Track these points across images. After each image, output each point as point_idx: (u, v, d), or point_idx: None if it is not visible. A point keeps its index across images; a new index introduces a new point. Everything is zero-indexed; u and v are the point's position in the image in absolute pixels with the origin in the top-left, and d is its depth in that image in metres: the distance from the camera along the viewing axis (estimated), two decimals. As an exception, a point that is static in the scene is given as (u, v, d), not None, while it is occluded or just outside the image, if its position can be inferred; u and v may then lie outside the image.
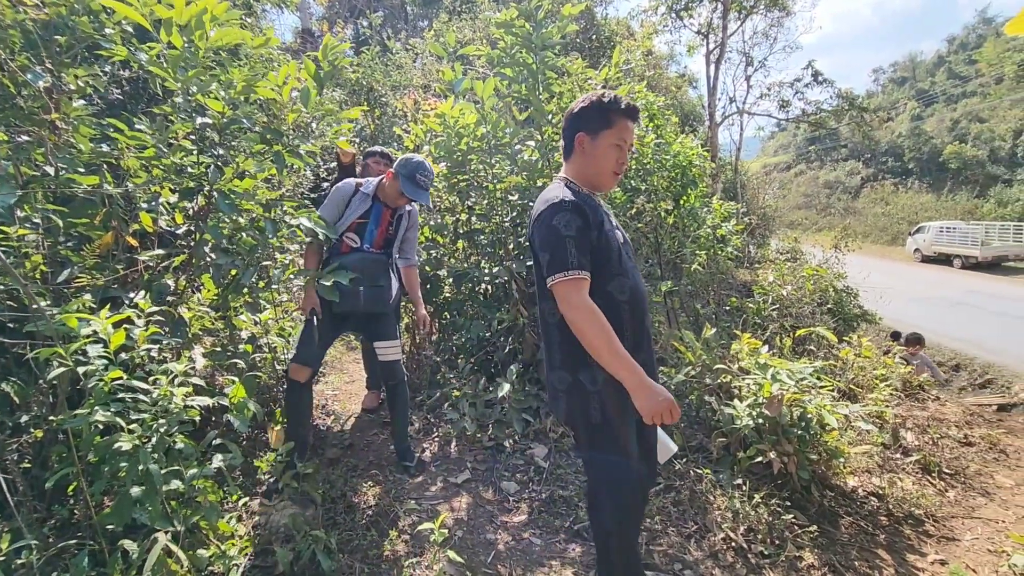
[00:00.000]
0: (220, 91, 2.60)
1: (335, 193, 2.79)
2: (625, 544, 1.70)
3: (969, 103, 38.41)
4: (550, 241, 1.50)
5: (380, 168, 3.49)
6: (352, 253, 2.74)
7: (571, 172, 1.68)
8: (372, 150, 3.60)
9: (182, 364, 1.73)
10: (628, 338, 1.55)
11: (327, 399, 3.75)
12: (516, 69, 3.64)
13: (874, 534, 2.34)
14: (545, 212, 1.53)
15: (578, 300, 1.45)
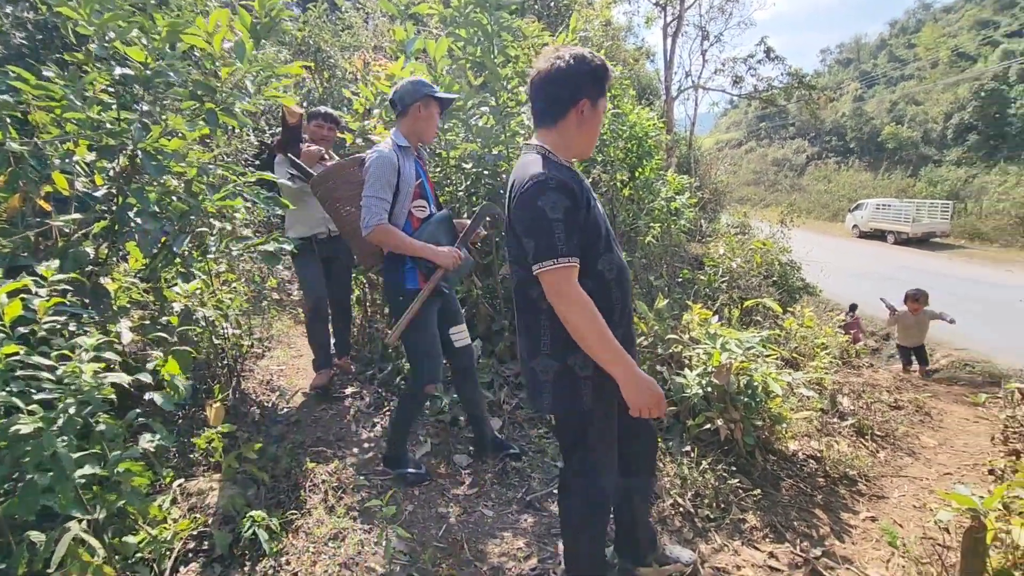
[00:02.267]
0: (143, 39, 2.36)
1: (380, 169, 2.19)
2: (596, 533, 1.68)
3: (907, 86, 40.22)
4: (536, 226, 1.36)
5: (324, 132, 3.26)
6: (428, 223, 2.32)
7: (552, 140, 1.48)
8: (316, 111, 3.34)
9: (93, 338, 1.57)
10: (617, 313, 1.51)
11: (272, 374, 3.59)
12: (470, 30, 3.48)
13: (812, 495, 2.45)
14: (529, 191, 1.37)
15: (569, 290, 1.35)
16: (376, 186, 2.18)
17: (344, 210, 2.59)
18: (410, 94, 2.28)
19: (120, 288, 2.58)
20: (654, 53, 20.29)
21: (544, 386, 1.52)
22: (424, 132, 2.35)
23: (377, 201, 2.17)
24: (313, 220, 3.18)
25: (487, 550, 2.06)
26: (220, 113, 2.50)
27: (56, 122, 2.27)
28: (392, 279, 2.33)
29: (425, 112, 2.30)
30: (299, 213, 3.14)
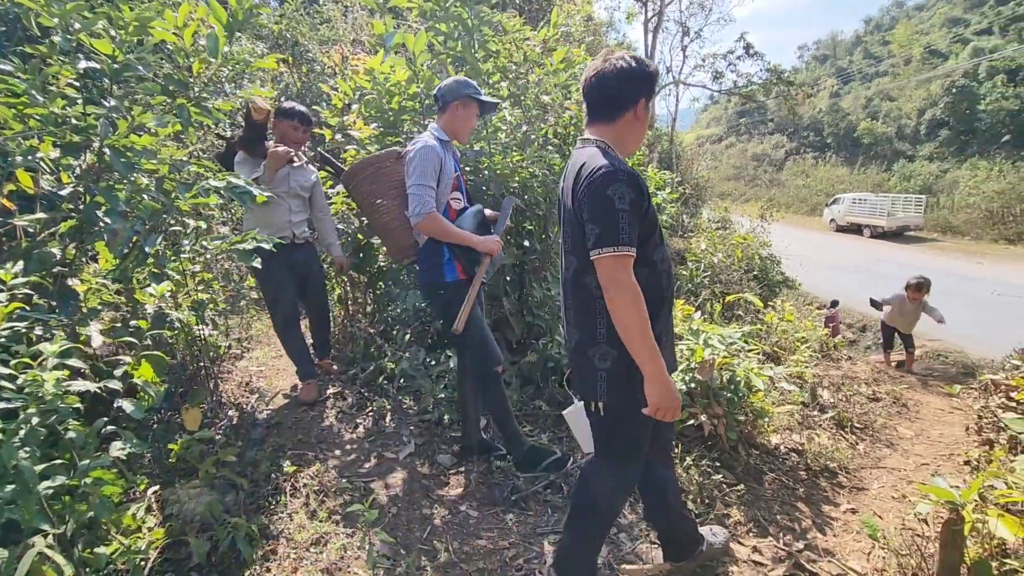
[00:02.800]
0: (110, 31, 2.27)
1: (426, 159, 2.19)
2: (608, 521, 1.75)
3: (881, 82, 41.01)
4: (603, 213, 1.41)
5: (298, 135, 3.03)
6: (465, 214, 2.37)
7: (611, 136, 1.55)
8: (289, 109, 3.00)
9: (56, 344, 1.51)
10: (667, 303, 1.60)
11: (251, 375, 3.52)
12: (451, 24, 3.43)
13: (794, 488, 2.48)
14: (599, 179, 1.42)
15: (623, 278, 1.40)
16: (423, 175, 2.19)
17: (378, 202, 2.49)
18: (452, 92, 2.32)
19: (90, 290, 2.50)
20: (635, 49, 20.37)
21: (600, 374, 1.53)
22: (460, 131, 2.38)
23: (426, 189, 2.18)
24: (278, 224, 2.94)
25: (471, 551, 2.04)
26: (193, 109, 2.43)
27: (18, 118, 2.18)
28: (430, 274, 2.33)
29: (463, 112, 2.34)
30: (261, 216, 2.89)
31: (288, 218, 2.96)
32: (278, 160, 2.81)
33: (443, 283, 2.30)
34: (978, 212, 18.57)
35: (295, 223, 3.01)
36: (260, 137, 2.89)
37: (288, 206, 2.97)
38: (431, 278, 2.33)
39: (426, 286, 2.40)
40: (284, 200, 2.95)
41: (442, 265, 2.29)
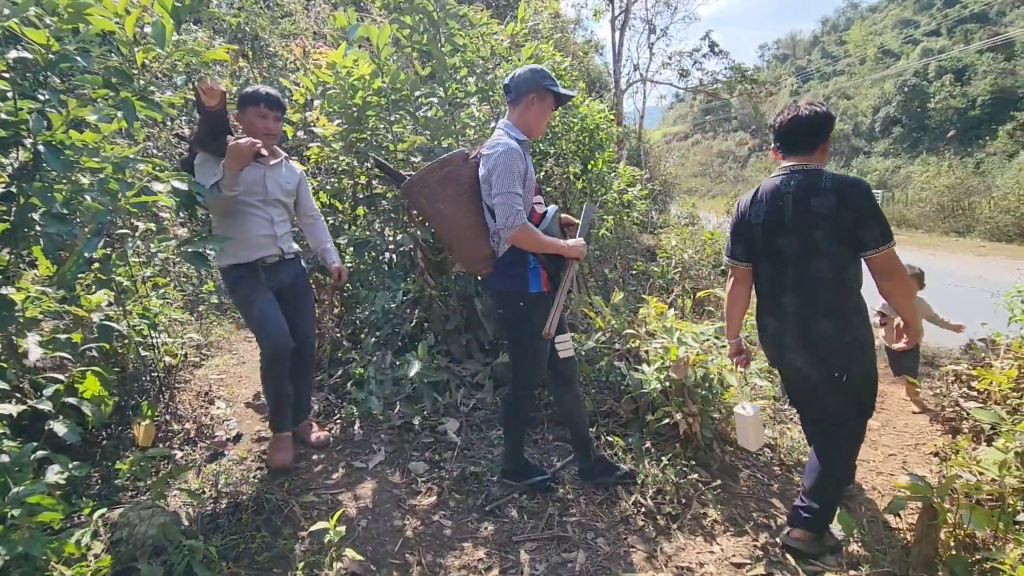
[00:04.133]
0: (45, 18, 2.10)
1: (510, 163, 1.97)
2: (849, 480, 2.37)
3: (838, 81, 42.38)
4: (877, 211, 1.77)
5: (268, 123, 2.41)
6: (547, 219, 2.17)
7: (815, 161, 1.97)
8: (253, 93, 2.41)
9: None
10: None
11: (211, 384, 3.35)
12: (416, 17, 3.32)
13: (769, 484, 2.48)
14: (866, 188, 1.82)
15: (901, 268, 1.81)
16: (509, 182, 1.97)
17: (443, 208, 2.16)
18: (526, 83, 2.08)
19: (28, 299, 2.32)
20: (603, 46, 20.48)
21: (852, 350, 1.88)
22: (533, 126, 2.15)
23: (514, 197, 1.97)
24: (258, 240, 2.39)
25: (446, 563, 1.97)
26: (138, 103, 2.27)
27: (-60, 111, 1.99)
28: (512, 283, 2.12)
29: (538, 105, 2.11)
30: (234, 230, 2.34)
31: (270, 231, 2.42)
32: (240, 156, 2.16)
33: (526, 294, 2.10)
34: (930, 206, 19.33)
35: (280, 236, 2.46)
36: (220, 130, 2.30)
37: (268, 216, 2.42)
38: (512, 287, 2.12)
39: (503, 295, 2.16)
40: (262, 209, 2.40)
41: (526, 275, 2.10)
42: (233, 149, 2.17)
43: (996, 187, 18.10)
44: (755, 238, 2.02)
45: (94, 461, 2.32)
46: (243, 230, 2.36)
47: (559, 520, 2.18)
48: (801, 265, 1.90)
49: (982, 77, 31.15)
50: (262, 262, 2.41)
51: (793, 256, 1.92)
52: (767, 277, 2.04)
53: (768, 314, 2.06)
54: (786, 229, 1.92)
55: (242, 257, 2.36)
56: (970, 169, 22.62)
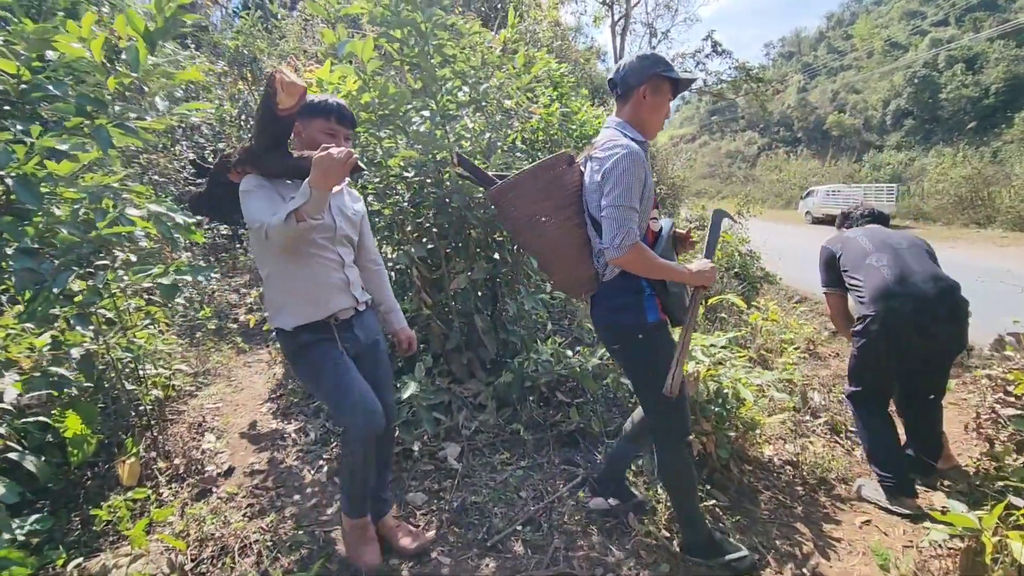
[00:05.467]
0: (12, 47, 2.04)
1: (632, 170, 1.65)
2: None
3: (846, 75, 41.89)
4: None
5: (339, 144, 1.83)
6: (662, 238, 1.88)
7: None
8: (319, 104, 1.86)
9: None
10: None
11: (206, 414, 3.26)
12: (404, 30, 3.24)
13: (792, 506, 2.30)
14: None
15: None
16: (626, 192, 1.64)
17: (543, 220, 1.82)
18: (635, 72, 1.77)
19: (6, 336, 2.24)
20: (605, 52, 20.44)
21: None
22: (649, 122, 1.82)
23: (630, 212, 1.64)
24: (327, 289, 1.84)
25: (444, 607, 1.82)
26: (114, 130, 2.19)
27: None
28: (626, 314, 1.79)
29: (652, 98, 1.79)
30: (298, 279, 1.79)
31: (342, 276, 1.88)
32: (335, 171, 1.54)
33: (645, 325, 1.76)
34: (947, 198, 18.87)
35: (353, 282, 1.93)
36: (281, 143, 1.77)
37: (338, 258, 1.88)
38: (628, 319, 1.78)
39: (617, 328, 1.83)
40: (330, 248, 1.86)
41: (642, 303, 1.77)
42: (325, 163, 1.52)
43: (1016, 175, 17.62)
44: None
45: (77, 503, 2.22)
46: (309, 278, 1.80)
47: (565, 555, 2.03)
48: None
49: (994, 65, 30.53)
50: (334, 319, 1.85)
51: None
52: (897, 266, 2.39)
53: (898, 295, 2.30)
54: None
55: (309, 314, 1.80)
56: (987, 159, 22.09)
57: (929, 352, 2.35)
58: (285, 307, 1.81)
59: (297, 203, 1.56)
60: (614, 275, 1.79)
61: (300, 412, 3.26)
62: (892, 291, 2.33)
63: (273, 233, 1.59)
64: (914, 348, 2.31)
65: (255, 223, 1.65)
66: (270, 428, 3.12)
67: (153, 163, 6.41)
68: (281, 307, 1.81)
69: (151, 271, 2.05)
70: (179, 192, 7.00)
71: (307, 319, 1.80)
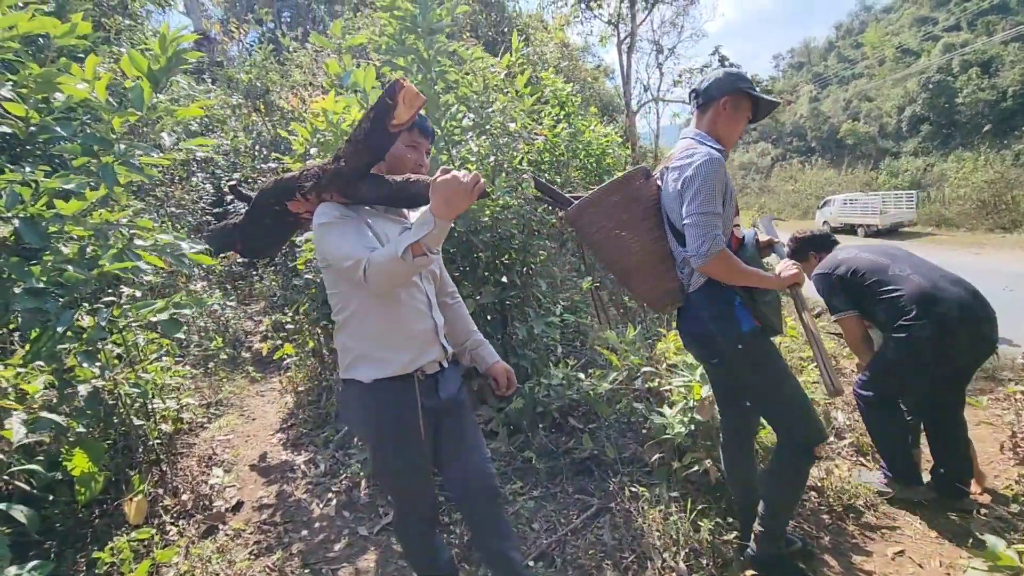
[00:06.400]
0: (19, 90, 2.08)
1: (714, 177, 1.64)
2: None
3: (858, 84, 41.57)
4: None
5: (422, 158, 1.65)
6: (747, 245, 1.86)
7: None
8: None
9: None
10: None
11: (216, 446, 3.24)
12: (408, 58, 3.28)
13: (819, 537, 2.18)
14: None
15: None
16: (710, 200, 1.62)
17: (624, 235, 1.80)
18: (719, 85, 1.80)
19: (16, 376, 2.25)
20: (612, 70, 20.59)
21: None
22: (726, 134, 1.82)
23: (714, 219, 1.63)
24: (416, 336, 1.55)
25: (452, 652, 1.74)
26: (119, 167, 2.22)
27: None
28: (720, 326, 1.74)
29: (731, 111, 1.80)
30: (382, 323, 1.51)
31: (430, 319, 1.59)
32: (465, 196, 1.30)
33: (740, 334, 1.72)
34: (970, 203, 18.45)
35: (441, 326, 1.64)
36: (373, 164, 1.51)
37: (425, 297, 1.60)
38: (721, 330, 1.74)
39: (710, 339, 1.77)
40: (418, 286, 1.59)
41: (734, 312, 1.73)
42: (450, 187, 1.28)
43: (1040, 178, 17.17)
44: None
45: (84, 543, 2.20)
46: (397, 322, 1.51)
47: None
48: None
49: (1011, 67, 30.06)
50: (421, 373, 1.54)
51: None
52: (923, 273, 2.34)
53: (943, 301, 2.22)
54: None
55: (394, 366, 1.49)
56: (1008, 162, 21.60)
57: (969, 357, 2.31)
58: (366, 356, 1.51)
59: (418, 235, 1.30)
60: (700, 285, 1.76)
61: (310, 442, 3.23)
62: (936, 296, 2.25)
63: (378, 270, 1.33)
64: (962, 353, 2.25)
65: (347, 259, 1.38)
66: (280, 460, 3.09)
67: (170, 195, 6.54)
68: (361, 356, 1.51)
69: (153, 306, 2.05)
70: (196, 222, 7.15)
71: (391, 372, 1.49)
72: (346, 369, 1.54)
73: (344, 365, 1.56)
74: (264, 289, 7.22)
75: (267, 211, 1.72)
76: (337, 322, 1.56)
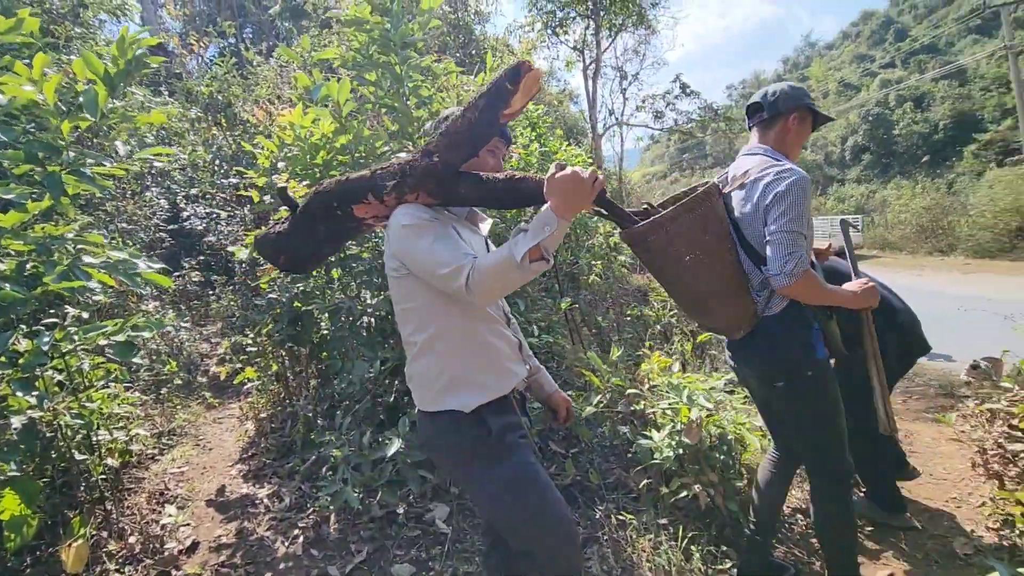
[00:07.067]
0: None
1: (802, 196, 1.59)
2: None
3: (805, 114, 43.93)
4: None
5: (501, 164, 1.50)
6: (818, 266, 1.87)
7: None
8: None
9: None
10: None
11: (169, 480, 2.98)
12: (378, 72, 3.19)
13: (810, 561, 2.14)
14: None
15: None
16: (800, 218, 1.57)
17: (697, 257, 1.65)
18: (787, 100, 1.77)
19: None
20: (577, 95, 21.06)
21: None
22: (793, 151, 1.81)
23: (800, 239, 1.56)
24: (506, 352, 1.42)
25: None
26: (68, 177, 2.04)
27: None
28: (797, 351, 1.68)
29: (798, 127, 1.79)
30: (473, 340, 1.35)
31: (512, 336, 1.48)
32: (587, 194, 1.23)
33: (815, 361, 1.67)
34: (910, 228, 19.55)
35: (522, 342, 1.56)
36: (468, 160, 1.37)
37: (504, 313, 1.52)
38: (797, 354, 1.67)
39: (782, 364, 1.70)
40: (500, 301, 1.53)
41: (811, 338, 1.68)
42: (571, 183, 1.20)
43: (971, 205, 18.40)
44: None
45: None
46: (485, 337, 1.37)
47: (571, 632, 1.82)
48: None
49: (941, 103, 32.45)
50: (516, 394, 1.44)
51: None
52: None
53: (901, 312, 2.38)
54: None
55: (493, 388, 1.34)
56: (943, 190, 23.12)
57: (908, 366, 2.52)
58: (464, 381, 1.31)
59: (538, 237, 1.17)
60: (781, 308, 1.68)
61: (274, 474, 3.02)
62: (898, 308, 2.33)
63: (487, 278, 1.18)
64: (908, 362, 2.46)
65: (443, 266, 1.22)
66: (240, 493, 2.87)
67: (121, 210, 6.19)
68: (456, 380, 1.32)
69: (104, 328, 1.85)
70: (148, 239, 6.77)
71: (492, 394, 1.33)
72: (436, 399, 1.33)
73: (430, 396, 1.34)
74: (222, 309, 6.88)
75: (324, 216, 1.46)
76: (416, 344, 1.35)
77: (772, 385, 1.75)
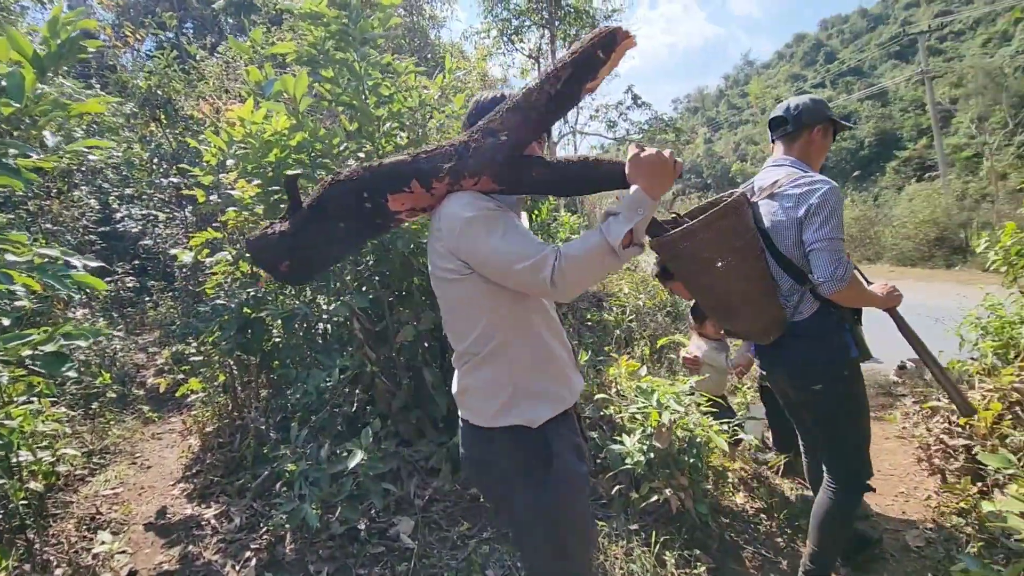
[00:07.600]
0: None
1: (838, 204, 1.64)
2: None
3: (745, 129, 46.27)
4: None
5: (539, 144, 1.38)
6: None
7: None
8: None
9: None
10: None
11: (101, 503, 2.72)
12: (335, 69, 3.07)
13: (777, 561, 2.18)
14: None
15: None
16: (839, 227, 1.64)
17: (731, 262, 1.68)
18: (810, 113, 1.83)
19: None
20: (530, 103, 21.22)
21: None
22: (816, 162, 1.87)
23: (843, 245, 1.65)
24: (567, 360, 1.30)
25: None
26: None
27: None
28: (833, 352, 1.74)
29: (822, 140, 1.86)
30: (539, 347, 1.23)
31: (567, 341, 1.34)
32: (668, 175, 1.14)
33: (850, 361, 1.75)
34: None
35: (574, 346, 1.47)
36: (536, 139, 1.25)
37: (556, 316, 1.37)
38: (833, 356, 1.74)
39: (819, 366, 1.76)
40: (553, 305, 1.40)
41: (844, 338, 1.75)
42: (655, 162, 1.11)
43: (895, 216, 19.80)
44: None
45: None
46: (545, 345, 1.23)
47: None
48: None
49: (866, 121, 34.92)
50: (578, 407, 1.37)
51: None
52: None
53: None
54: None
55: (559, 400, 1.22)
56: (870, 203, 24.79)
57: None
58: (532, 393, 1.19)
59: (633, 220, 1.07)
60: (812, 312, 1.74)
61: (222, 492, 2.81)
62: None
63: (577, 268, 1.07)
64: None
65: (523, 259, 1.08)
66: (183, 515, 2.65)
67: (45, 209, 5.71)
68: (522, 393, 1.18)
69: (30, 338, 1.66)
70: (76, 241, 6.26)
71: (558, 407, 1.21)
72: (498, 413, 1.18)
73: (491, 410, 1.19)
74: (160, 316, 6.45)
75: (344, 212, 1.23)
76: (478, 354, 1.19)
77: (810, 388, 1.79)
